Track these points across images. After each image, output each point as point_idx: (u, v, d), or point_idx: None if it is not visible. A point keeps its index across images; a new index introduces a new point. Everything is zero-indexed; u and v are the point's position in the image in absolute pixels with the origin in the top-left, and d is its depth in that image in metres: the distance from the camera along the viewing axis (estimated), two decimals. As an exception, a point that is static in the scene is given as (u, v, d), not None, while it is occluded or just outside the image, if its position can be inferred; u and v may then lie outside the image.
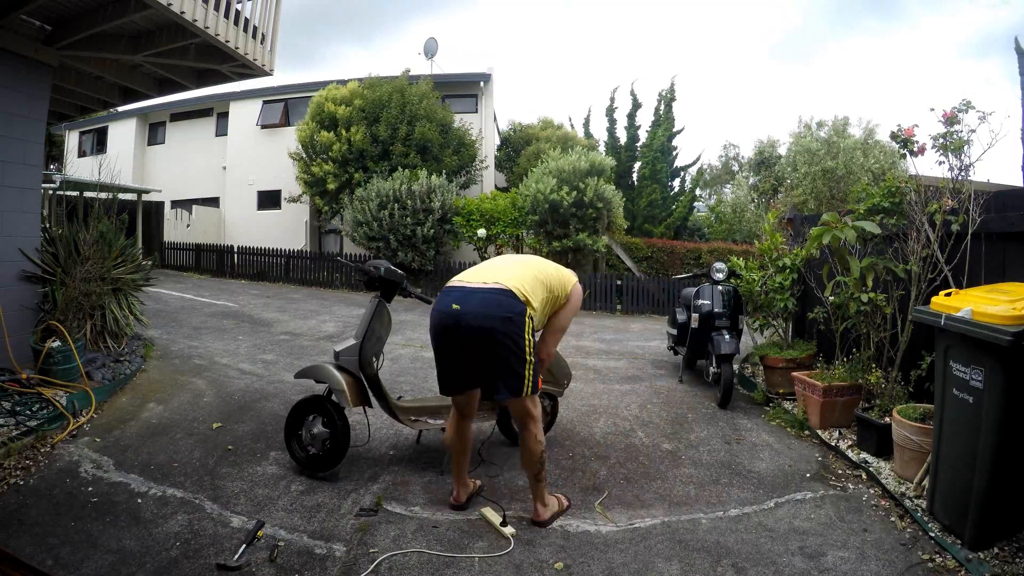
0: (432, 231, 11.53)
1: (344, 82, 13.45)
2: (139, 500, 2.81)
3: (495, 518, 2.72)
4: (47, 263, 4.60)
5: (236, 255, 14.25)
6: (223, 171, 16.86)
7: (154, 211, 15.68)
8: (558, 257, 12.03)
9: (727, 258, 5.97)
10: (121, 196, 11.45)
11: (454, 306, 2.51)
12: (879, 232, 3.80)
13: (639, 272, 12.39)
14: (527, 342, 2.53)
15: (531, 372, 2.56)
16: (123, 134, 18.08)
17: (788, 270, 5.06)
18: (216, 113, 17.37)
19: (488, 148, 15.65)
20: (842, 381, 4.01)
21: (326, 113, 12.71)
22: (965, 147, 3.44)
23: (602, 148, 18.95)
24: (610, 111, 19.39)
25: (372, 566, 2.34)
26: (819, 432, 3.95)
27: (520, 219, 11.64)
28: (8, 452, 3.08)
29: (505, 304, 2.51)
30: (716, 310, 4.91)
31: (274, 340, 6.65)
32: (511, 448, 3.66)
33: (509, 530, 2.64)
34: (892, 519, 2.84)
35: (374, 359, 3.22)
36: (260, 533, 2.54)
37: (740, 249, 12.18)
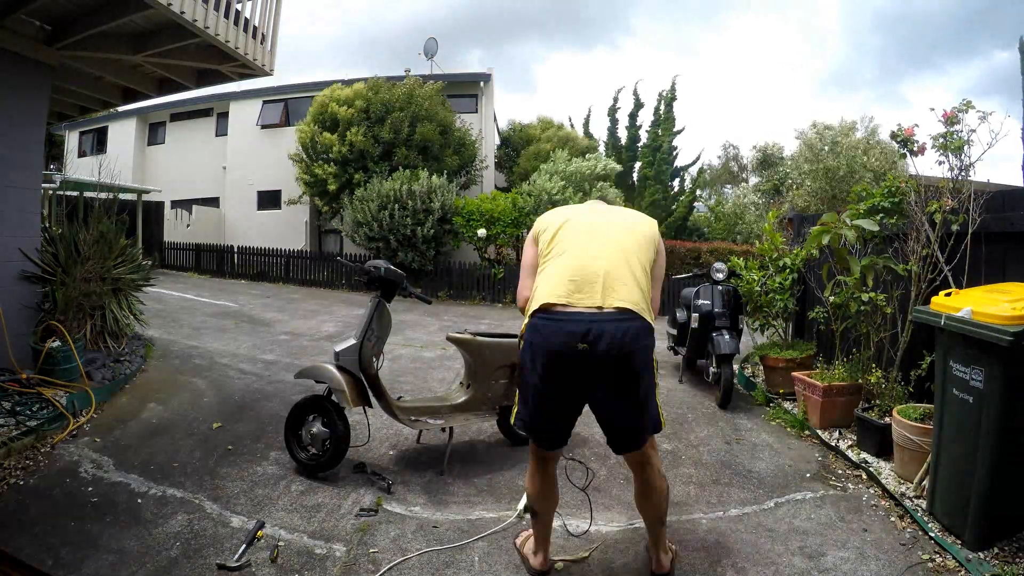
0: (432, 231, 11.53)
1: (348, 82, 13.44)
2: (139, 500, 2.81)
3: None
4: (47, 263, 4.59)
5: (236, 255, 14.25)
6: (223, 171, 16.85)
7: (154, 211, 15.67)
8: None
9: (727, 258, 5.97)
10: (121, 196, 11.39)
11: (580, 345, 1.95)
12: (877, 230, 3.79)
13: (639, 272, 12.38)
14: (655, 366, 2.11)
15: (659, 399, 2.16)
16: (123, 134, 18.07)
17: (788, 270, 5.06)
18: (216, 113, 17.37)
19: (488, 148, 15.65)
20: (842, 381, 4.01)
21: (328, 113, 12.70)
22: (965, 147, 3.44)
23: (602, 148, 18.96)
24: (612, 111, 19.42)
25: (379, 572, 2.34)
26: (819, 432, 3.95)
27: (520, 219, 11.64)
28: (8, 452, 3.08)
29: (641, 334, 2.01)
30: (716, 310, 4.90)
31: (274, 340, 6.65)
32: (511, 448, 3.66)
33: (519, 509, 2.73)
34: (892, 519, 2.84)
35: (374, 359, 3.21)
36: (260, 533, 2.54)
37: (740, 249, 12.17)
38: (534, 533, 2.35)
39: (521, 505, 2.75)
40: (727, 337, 4.74)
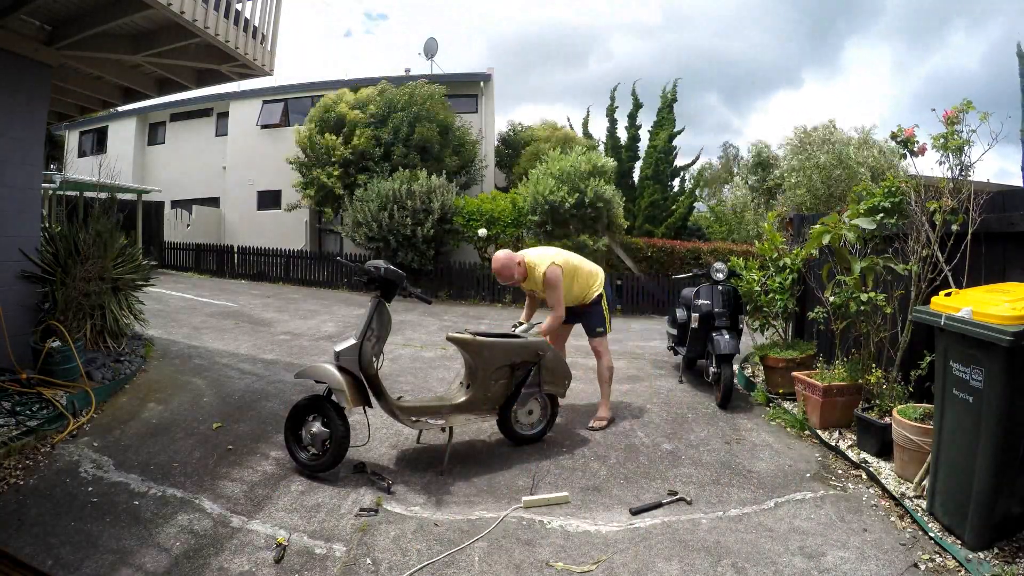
0: (432, 231, 11.52)
1: (353, 86, 13.41)
2: (139, 500, 2.81)
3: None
4: (47, 263, 4.59)
5: (236, 255, 14.24)
6: (223, 171, 16.86)
7: (154, 211, 15.67)
8: (558, 257, 12.02)
9: (727, 258, 5.97)
10: (121, 196, 11.43)
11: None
12: (875, 228, 3.79)
13: (639, 272, 12.39)
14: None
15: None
16: (123, 134, 18.08)
17: (788, 270, 5.06)
18: (216, 113, 17.36)
19: (488, 148, 15.65)
20: (842, 381, 4.01)
21: (336, 113, 12.63)
22: (965, 147, 3.44)
23: (602, 149, 18.94)
24: (611, 111, 19.39)
25: (379, 573, 2.34)
26: (819, 432, 3.95)
27: (520, 219, 11.64)
28: (8, 452, 3.08)
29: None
30: (716, 310, 4.90)
31: (274, 340, 6.65)
32: (511, 448, 3.66)
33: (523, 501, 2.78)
34: (892, 519, 2.84)
35: (374, 359, 3.21)
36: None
37: (740, 249, 12.16)
38: None
39: (524, 499, 2.76)
40: (727, 337, 4.74)
